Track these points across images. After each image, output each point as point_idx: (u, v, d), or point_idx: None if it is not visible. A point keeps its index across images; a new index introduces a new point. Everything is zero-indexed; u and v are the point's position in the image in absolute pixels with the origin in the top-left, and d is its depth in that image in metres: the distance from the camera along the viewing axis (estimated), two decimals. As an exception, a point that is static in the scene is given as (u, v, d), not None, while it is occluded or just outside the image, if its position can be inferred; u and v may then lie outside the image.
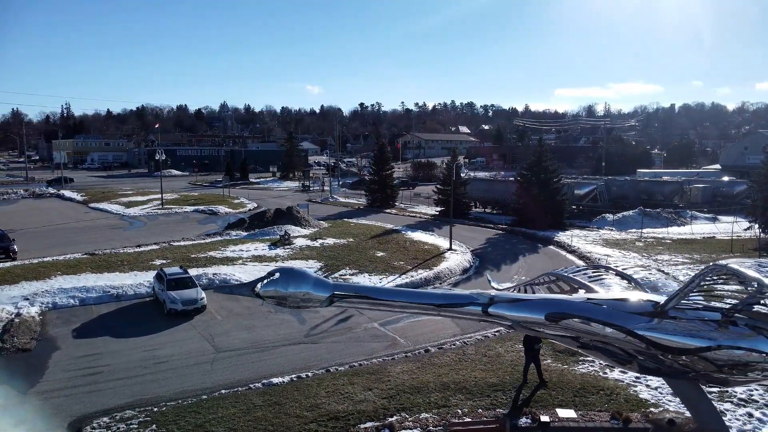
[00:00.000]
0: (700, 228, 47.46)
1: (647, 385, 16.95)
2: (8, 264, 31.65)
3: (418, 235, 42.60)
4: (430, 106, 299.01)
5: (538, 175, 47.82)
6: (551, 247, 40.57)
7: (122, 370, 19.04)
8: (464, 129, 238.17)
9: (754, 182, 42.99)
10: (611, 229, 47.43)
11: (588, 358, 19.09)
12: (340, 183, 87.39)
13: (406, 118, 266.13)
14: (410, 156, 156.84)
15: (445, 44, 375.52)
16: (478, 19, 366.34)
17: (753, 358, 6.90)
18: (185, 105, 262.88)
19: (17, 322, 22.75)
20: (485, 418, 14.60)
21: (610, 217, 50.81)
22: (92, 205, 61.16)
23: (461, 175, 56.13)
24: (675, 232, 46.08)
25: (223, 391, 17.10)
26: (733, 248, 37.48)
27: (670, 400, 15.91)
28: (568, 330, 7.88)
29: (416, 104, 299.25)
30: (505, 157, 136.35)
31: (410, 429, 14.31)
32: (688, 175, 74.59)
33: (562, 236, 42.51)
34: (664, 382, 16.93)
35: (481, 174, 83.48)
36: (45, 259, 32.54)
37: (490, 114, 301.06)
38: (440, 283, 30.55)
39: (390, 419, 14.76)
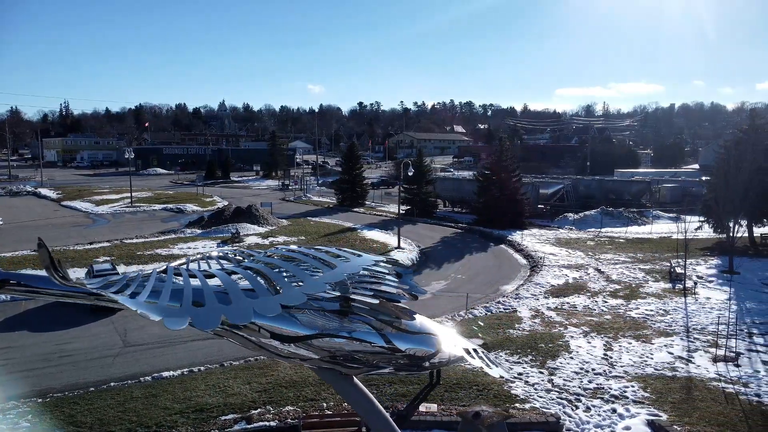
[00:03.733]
0: (660, 228, 47.65)
1: (526, 382, 17.33)
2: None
3: (373, 234, 43.01)
4: (429, 105, 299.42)
5: (498, 174, 48.16)
6: (502, 246, 40.90)
7: (26, 363, 19.53)
8: (459, 128, 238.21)
9: (705, 181, 43.20)
10: (571, 229, 47.75)
11: (478, 354, 19.48)
12: (320, 182, 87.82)
13: (404, 118, 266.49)
14: (402, 155, 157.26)
15: (445, 44, 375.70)
16: (479, 18, 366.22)
17: (355, 347, 7.23)
18: (184, 104, 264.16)
19: (-62, 317, 23.27)
20: (345, 412, 14.97)
21: (571, 216, 51.11)
22: (64, 203, 61.76)
23: (426, 173, 56.46)
24: (633, 231, 46.35)
25: (112, 384, 17.57)
26: (681, 248, 37.65)
27: (541, 396, 16.33)
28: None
29: (415, 103, 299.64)
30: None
31: (268, 421, 14.72)
32: (666, 175, 74.69)
33: (516, 236, 42.82)
34: (543, 380, 17.55)
35: (447, 173, 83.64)
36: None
37: (489, 113, 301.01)
38: (375, 281, 30.90)
39: (252, 412, 15.18)
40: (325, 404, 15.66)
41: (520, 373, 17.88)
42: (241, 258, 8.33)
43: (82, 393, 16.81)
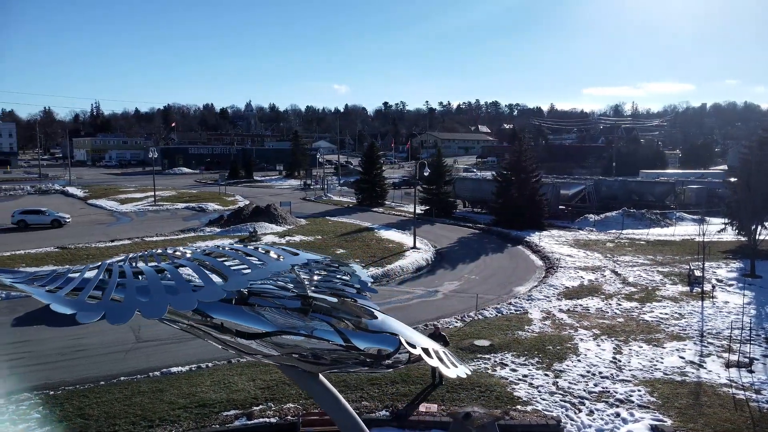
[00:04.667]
0: (683, 230, 46.74)
1: (530, 384, 17.20)
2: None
3: (390, 234, 43.07)
4: (454, 105, 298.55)
5: (517, 175, 47.80)
6: (519, 247, 40.58)
7: (42, 356, 20.08)
8: (484, 128, 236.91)
9: (727, 183, 42.25)
10: (591, 230, 47.14)
11: (484, 356, 19.42)
12: (342, 182, 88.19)
13: (429, 118, 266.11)
14: (426, 155, 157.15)
15: (472, 43, 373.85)
16: (506, 17, 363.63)
17: (314, 344, 7.24)
18: (211, 104, 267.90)
19: (-38, 311, 24.05)
20: (345, 410, 15.04)
21: (592, 217, 50.44)
22: (90, 201, 63.23)
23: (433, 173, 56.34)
24: (655, 233, 45.53)
25: (122, 378, 17.95)
26: (711, 250, 36.92)
27: (544, 399, 16.19)
28: None
29: (440, 103, 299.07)
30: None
31: (268, 418, 14.89)
32: (692, 176, 73.13)
33: (534, 237, 42.43)
34: (547, 382, 17.40)
35: (470, 173, 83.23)
36: (16, 252, 34.04)
37: (515, 113, 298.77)
38: (387, 281, 30.98)
39: (254, 408, 15.37)
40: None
41: (524, 375, 17.75)
42: (180, 254, 8.49)
43: (92, 386, 17.21)
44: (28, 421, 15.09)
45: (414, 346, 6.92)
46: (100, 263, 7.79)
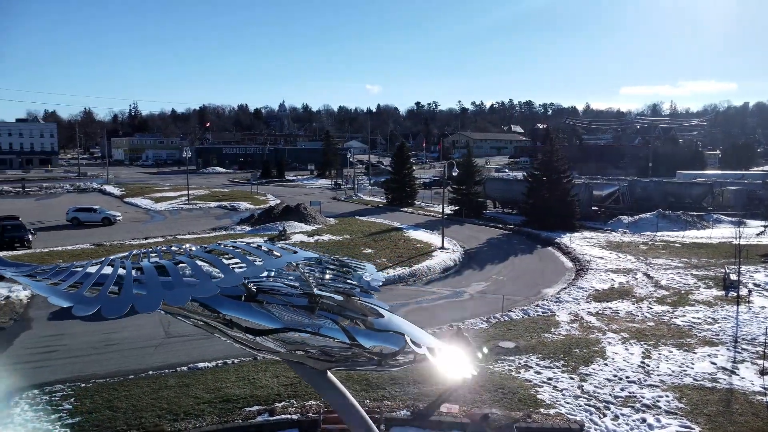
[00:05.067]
0: (720, 232, 45.43)
1: (554, 387, 16.97)
2: (20, 252, 34.47)
3: (418, 234, 43.00)
4: (487, 104, 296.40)
5: (548, 175, 47.21)
6: (549, 248, 40.07)
7: (75, 350, 20.68)
8: (517, 128, 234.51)
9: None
10: (624, 232, 46.23)
11: (508, 357, 19.25)
12: (373, 182, 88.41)
13: (461, 117, 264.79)
14: (457, 155, 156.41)
15: (505, 41, 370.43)
16: (540, 14, 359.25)
17: (320, 342, 7.22)
18: (245, 104, 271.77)
19: (2, 304, 24.93)
20: (366, 408, 15.10)
21: (626, 219, 49.47)
22: (127, 199, 64.85)
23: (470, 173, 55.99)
24: (691, 235, 44.38)
25: (150, 372, 18.37)
26: (748, 254, 35.86)
27: (568, 402, 15.96)
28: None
29: (473, 103, 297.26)
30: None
31: (290, 414, 15.04)
32: (731, 177, 71.06)
33: (565, 238, 41.85)
34: (572, 385, 17.15)
35: (502, 174, 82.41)
36: (54, 249, 35.15)
37: (550, 113, 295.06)
38: (414, 281, 30.95)
39: (276, 404, 15.55)
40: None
41: (549, 378, 17.53)
42: (182, 251, 8.65)
43: (121, 380, 17.64)
44: (60, 412, 15.58)
45: (419, 346, 6.92)
46: (103, 258, 8.00)
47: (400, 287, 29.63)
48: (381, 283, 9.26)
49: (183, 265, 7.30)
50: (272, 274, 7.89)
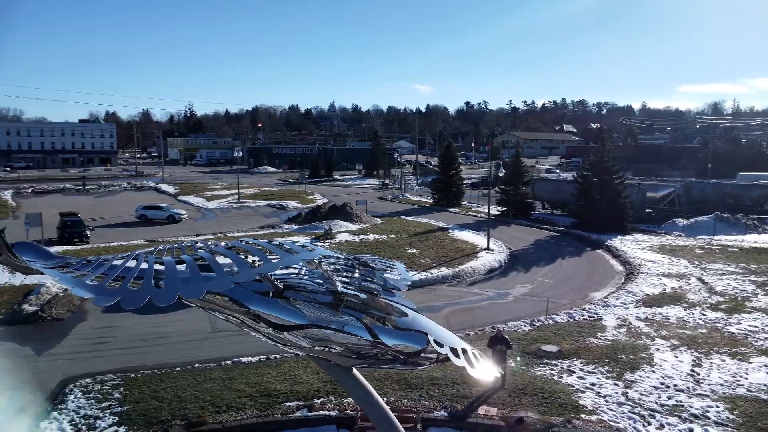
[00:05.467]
0: (784, 237, 43.27)
1: (597, 393, 16.54)
2: (79, 247, 36.09)
3: (463, 234, 42.69)
4: (539, 104, 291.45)
5: (599, 176, 46.03)
6: (599, 251, 39.04)
7: (125, 341, 21.51)
8: (569, 128, 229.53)
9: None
10: (679, 235, 44.56)
11: (551, 361, 18.88)
12: (420, 182, 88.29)
13: (512, 117, 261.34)
14: (507, 155, 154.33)
15: (558, 39, 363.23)
16: (594, 11, 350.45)
17: (342, 339, 7.15)
18: (297, 105, 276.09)
19: (61, 296, 26.14)
20: (403, 408, 15.11)
21: (681, 222, 47.71)
22: (180, 197, 66.91)
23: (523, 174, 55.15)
24: (751, 240, 42.37)
25: (196, 365, 18.92)
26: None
27: (611, 409, 15.54)
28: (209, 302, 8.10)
29: (524, 102, 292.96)
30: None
31: (328, 411, 15.21)
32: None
33: (616, 241, 40.71)
34: (617, 392, 16.68)
35: (552, 174, 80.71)
36: (111, 244, 36.62)
37: (604, 112, 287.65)
38: (458, 282, 30.74)
39: (315, 400, 15.75)
40: (385, 398, 15.86)
41: (592, 384, 17.10)
42: (203, 247, 8.86)
43: (168, 371, 18.25)
44: (110, 401, 16.24)
45: (442, 345, 6.88)
46: (129, 253, 8.29)
47: (444, 287, 29.50)
48: (410, 283, 9.27)
49: (227, 260, 7.51)
50: (300, 271, 8.02)
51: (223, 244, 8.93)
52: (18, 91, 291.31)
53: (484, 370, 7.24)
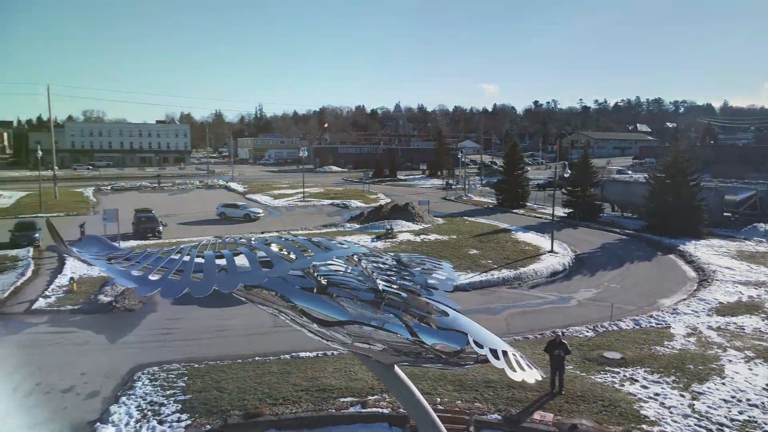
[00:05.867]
0: None
1: (661, 403, 15.84)
2: (152, 242, 37.89)
3: (527, 236, 41.83)
4: (611, 102, 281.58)
5: (672, 177, 43.99)
6: (671, 256, 37.30)
7: (191, 332, 22.41)
8: (644, 127, 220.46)
9: None
10: (761, 241, 41.97)
11: (613, 369, 18.23)
12: (484, 182, 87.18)
13: (582, 116, 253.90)
14: (576, 156, 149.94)
15: (632, 36, 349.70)
16: (670, 6, 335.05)
17: (382, 336, 6.98)
18: (363, 105, 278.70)
19: (134, 288, 27.54)
20: (456, 409, 15.01)
21: (762, 227, 44.86)
22: (249, 195, 68.98)
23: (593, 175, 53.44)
24: (842, 247, 39.39)
25: (256, 358, 19.49)
26: None
27: (675, 421, 14.85)
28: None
29: (596, 101, 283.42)
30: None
31: (382, 408, 15.29)
32: None
33: (690, 246, 38.78)
34: (682, 403, 15.91)
35: (625, 176, 77.64)
36: (181, 239, 38.19)
37: (681, 111, 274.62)
38: (519, 284, 30.16)
39: (369, 398, 15.87)
40: (438, 399, 15.83)
41: (656, 393, 16.39)
42: (245, 242, 9.08)
43: (230, 363, 18.90)
44: (174, 389, 16.98)
45: (481, 347, 6.78)
46: (174, 246, 8.62)
47: (504, 290, 29.03)
48: (455, 283, 9.21)
49: (285, 254, 7.74)
50: (344, 269, 8.14)
51: (254, 240, 9.21)
52: (102, 94, 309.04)
53: (526, 374, 7.10)
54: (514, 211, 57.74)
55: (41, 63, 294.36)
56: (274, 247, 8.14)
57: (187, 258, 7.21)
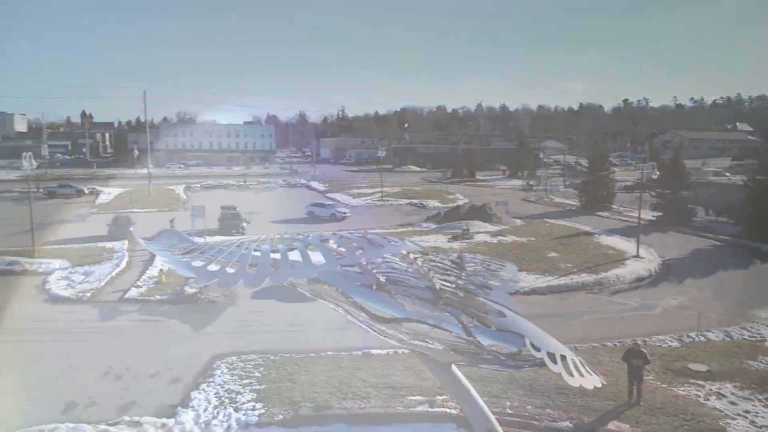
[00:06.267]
0: None
1: (752, 422, 14.80)
2: (236, 238, 39.49)
3: (610, 240, 40.23)
4: (709, 100, 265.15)
5: (775, 180, 40.90)
6: (771, 264, 34.69)
7: (268, 325, 23.25)
8: (745, 126, 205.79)
9: None
10: None
11: (698, 382, 17.19)
12: (567, 183, 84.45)
13: (676, 115, 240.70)
14: (668, 156, 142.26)
15: (731, 29, 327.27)
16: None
17: (438, 335, 6.72)
18: (444, 105, 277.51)
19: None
20: (526, 414, 14.69)
21: None
22: (328, 194, 70.47)
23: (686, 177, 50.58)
24: None
25: (329, 353, 19.94)
26: None
27: (768, 441, 13.84)
28: None
29: (691, 99, 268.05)
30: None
31: (449, 409, 15.21)
32: None
33: (793, 253, 35.91)
34: (776, 420, 14.80)
35: (719, 177, 72.80)
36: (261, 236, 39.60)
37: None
38: (599, 289, 29.04)
39: (437, 397, 15.82)
40: (508, 402, 15.58)
41: (746, 411, 15.34)
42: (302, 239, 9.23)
43: (303, 356, 19.45)
44: (250, 378, 17.70)
45: (539, 350, 6.59)
46: (235, 240, 8.95)
47: (582, 294, 28.08)
48: (517, 285, 9.05)
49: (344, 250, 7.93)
50: (403, 267, 8.19)
51: (311, 237, 9.45)
52: (196, 96, 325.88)
53: (585, 380, 6.85)
54: (598, 213, 55.59)
55: (141, 69, 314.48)
56: (332, 244, 8.34)
57: (244, 252, 7.53)
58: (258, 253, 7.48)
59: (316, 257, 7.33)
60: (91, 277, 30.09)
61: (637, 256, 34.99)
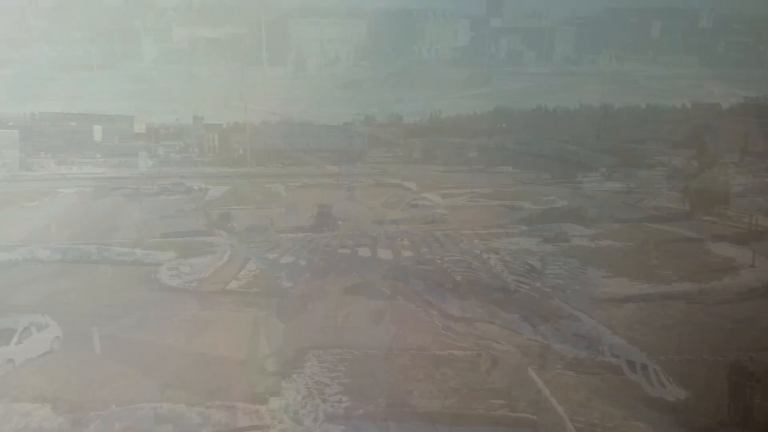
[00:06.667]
0: None
1: None
2: (322, 235, 40.82)
3: (719, 247, 37.66)
4: None
5: None
6: None
7: (355, 321, 23.88)
8: None
9: None
10: None
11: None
12: (672, 185, 79.35)
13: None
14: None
15: None
16: None
17: (514, 337, 6.46)
18: (543, 104, 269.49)
19: (308, 276, 30.00)
20: (609, 426, 14.18)
21: None
22: (421, 194, 70.73)
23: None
24: None
25: (413, 351, 20.22)
26: None
27: None
28: None
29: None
30: None
31: (529, 414, 14.91)
32: None
33: None
34: None
35: None
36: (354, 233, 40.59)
37: None
38: (702, 299, 27.28)
39: (519, 402, 15.61)
40: (593, 412, 15.07)
41: None
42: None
43: (386, 353, 19.95)
44: (337, 372, 18.54)
45: (617, 357, 6.40)
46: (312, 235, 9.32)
47: (682, 304, 26.46)
48: (597, 290, 8.84)
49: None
50: (478, 267, 8.25)
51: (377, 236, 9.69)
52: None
53: (665, 391, 6.60)
54: (707, 218, 51.83)
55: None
56: (405, 242, 8.56)
57: (314, 247, 7.93)
58: (327, 249, 7.88)
59: (385, 254, 7.60)
60: (196, 268, 32.08)
61: (753, 265, 32.55)
